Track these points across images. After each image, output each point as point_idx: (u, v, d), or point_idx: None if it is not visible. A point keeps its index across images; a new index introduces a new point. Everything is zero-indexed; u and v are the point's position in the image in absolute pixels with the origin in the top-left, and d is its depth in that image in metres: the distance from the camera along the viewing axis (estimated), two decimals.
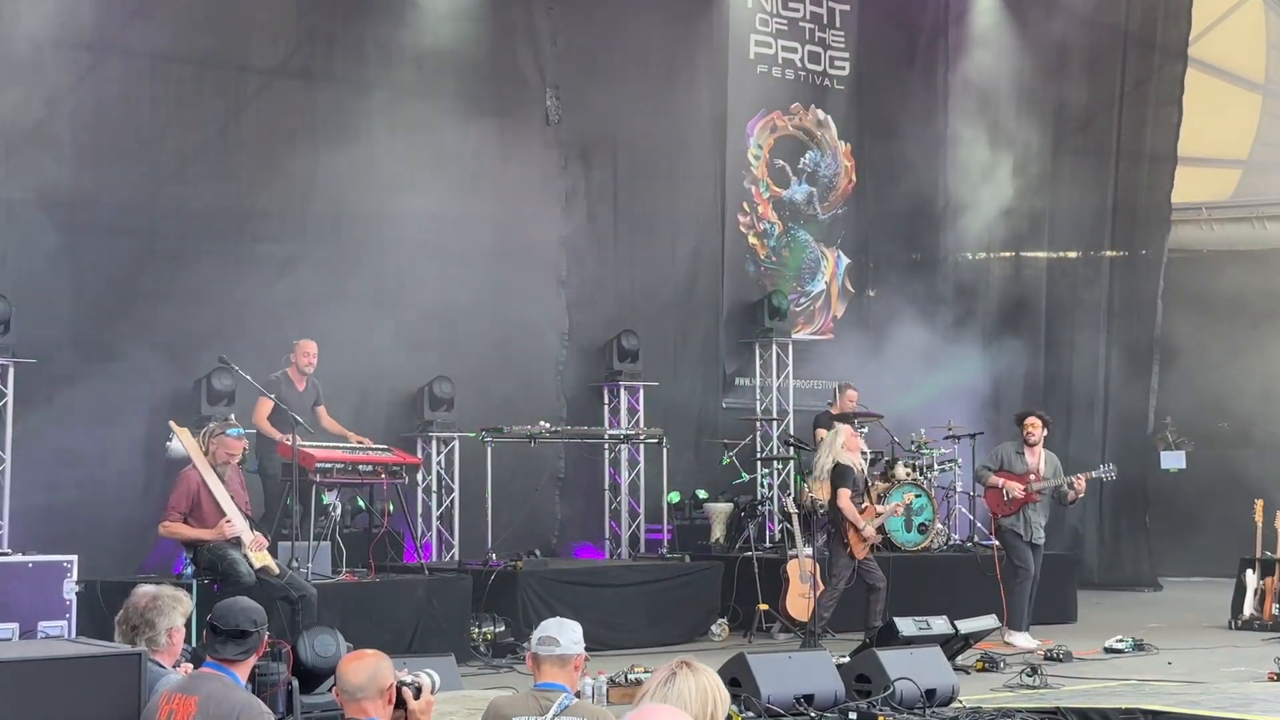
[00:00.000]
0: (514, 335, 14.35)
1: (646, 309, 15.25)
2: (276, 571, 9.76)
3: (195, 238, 12.58)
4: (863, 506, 11.54)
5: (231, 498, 9.84)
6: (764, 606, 12.64)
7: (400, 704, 4.78)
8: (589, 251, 14.99)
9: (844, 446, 11.59)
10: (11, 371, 11.02)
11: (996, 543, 12.63)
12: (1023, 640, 11.92)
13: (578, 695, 5.25)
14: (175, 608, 5.67)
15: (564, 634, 5.18)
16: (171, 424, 10.53)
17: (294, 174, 13.12)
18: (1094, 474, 12.66)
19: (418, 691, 4.82)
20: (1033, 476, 12.26)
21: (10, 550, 10.45)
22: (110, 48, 12.29)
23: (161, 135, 12.43)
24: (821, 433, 14.49)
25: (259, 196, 12.92)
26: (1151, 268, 17.90)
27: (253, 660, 5.32)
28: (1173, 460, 18.86)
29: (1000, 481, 12.21)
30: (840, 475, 11.54)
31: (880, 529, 12.26)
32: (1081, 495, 12.59)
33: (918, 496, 13.85)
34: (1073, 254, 18.28)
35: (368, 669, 4.75)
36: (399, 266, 13.56)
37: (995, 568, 12.44)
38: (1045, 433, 12.45)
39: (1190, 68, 18.15)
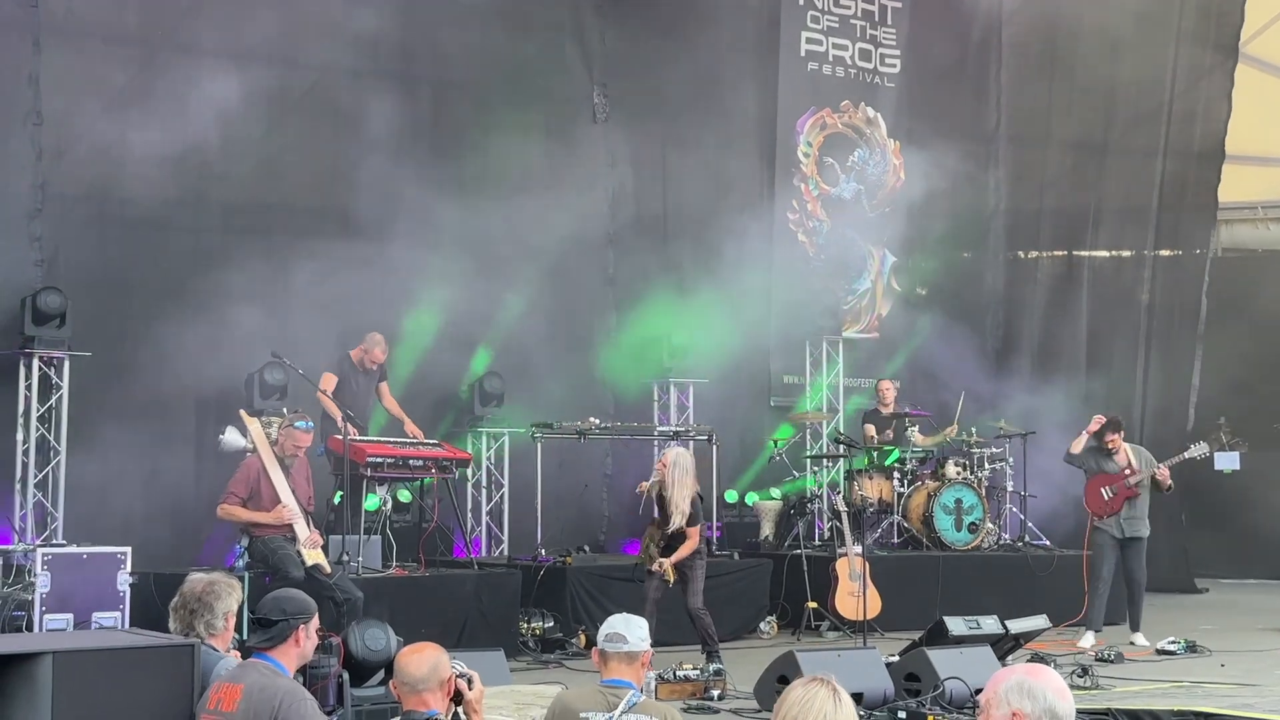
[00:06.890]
0: (561, 332, 14.36)
1: (693, 305, 15.23)
2: (328, 571, 9.81)
3: (242, 234, 12.66)
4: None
5: (293, 491, 9.91)
6: (813, 604, 12.61)
7: (455, 695, 4.82)
8: (636, 248, 14.96)
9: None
10: (67, 364, 11.14)
11: (1087, 551, 12.57)
12: (1086, 641, 11.86)
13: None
14: (230, 593, 5.73)
15: (631, 630, 5.20)
16: (241, 413, 10.64)
17: (340, 172, 13.18)
18: (1185, 455, 12.57)
19: (470, 682, 4.87)
20: (1128, 472, 12.24)
21: (66, 542, 10.58)
22: (160, 46, 12.40)
23: (209, 132, 12.51)
24: (870, 429, 14.47)
25: (305, 194, 12.98)
26: (1198, 265, 17.73)
27: (292, 648, 5.31)
28: (1227, 461, 18.64)
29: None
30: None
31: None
32: (1169, 482, 12.47)
33: (971, 506, 13.77)
34: (1126, 252, 18.12)
35: (429, 661, 4.80)
36: (444, 262, 13.57)
37: (1084, 569, 12.41)
38: (1123, 432, 12.39)
39: (1247, 65, 17.95)
